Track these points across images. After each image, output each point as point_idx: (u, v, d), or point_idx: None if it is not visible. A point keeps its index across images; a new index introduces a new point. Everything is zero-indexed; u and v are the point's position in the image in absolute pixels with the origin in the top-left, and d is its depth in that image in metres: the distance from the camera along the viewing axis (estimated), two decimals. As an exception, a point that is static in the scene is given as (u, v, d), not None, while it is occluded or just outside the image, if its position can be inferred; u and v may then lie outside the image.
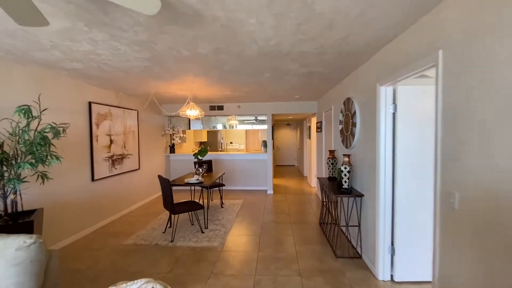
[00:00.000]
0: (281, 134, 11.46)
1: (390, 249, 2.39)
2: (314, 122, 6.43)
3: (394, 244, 2.35)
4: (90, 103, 3.71)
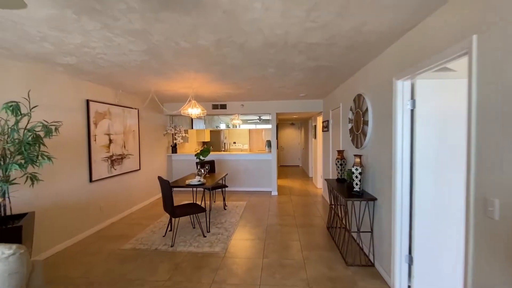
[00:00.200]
0: (285, 134, 11.27)
1: (407, 258, 2.19)
2: (320, 121, 6.22)
3: (412, 253, 2.14)
4: (88, 101, 3.57)
